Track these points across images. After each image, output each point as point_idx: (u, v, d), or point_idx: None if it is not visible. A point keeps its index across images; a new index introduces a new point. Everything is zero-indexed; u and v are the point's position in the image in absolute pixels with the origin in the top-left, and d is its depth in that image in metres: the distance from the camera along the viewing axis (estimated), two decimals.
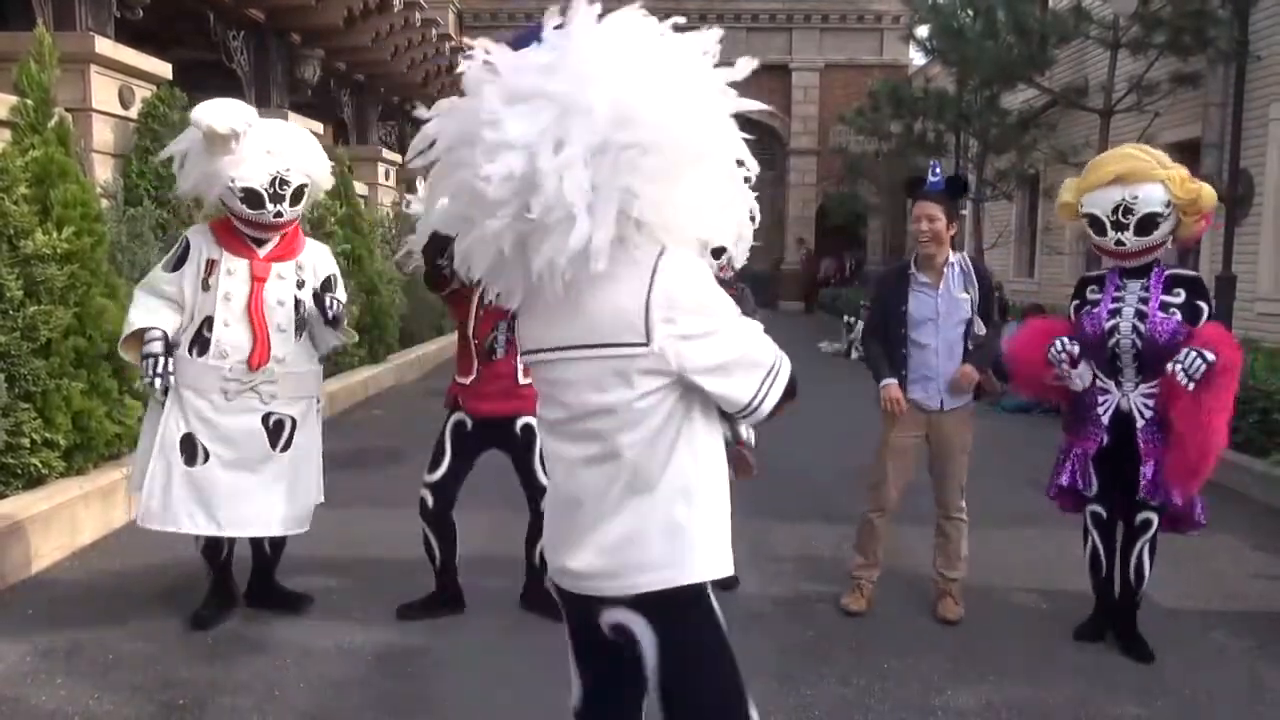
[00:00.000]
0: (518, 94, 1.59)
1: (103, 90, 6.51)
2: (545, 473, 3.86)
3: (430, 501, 3.82)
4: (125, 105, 6.70)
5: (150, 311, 3.56)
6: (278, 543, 3.91)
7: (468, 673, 3.45)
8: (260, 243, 3.63)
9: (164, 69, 7.09)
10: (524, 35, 1.68)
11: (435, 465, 3.83)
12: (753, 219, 2.03)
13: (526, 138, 1.56)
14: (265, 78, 10.30)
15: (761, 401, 1.76)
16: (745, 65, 1.69)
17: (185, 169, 3.58)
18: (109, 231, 5.41)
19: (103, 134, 6.51)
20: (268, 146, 3.54)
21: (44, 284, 4.62)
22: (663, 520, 1.75)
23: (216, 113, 3.39)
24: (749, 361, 1.74)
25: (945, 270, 3.87)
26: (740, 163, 1.79)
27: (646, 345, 1.67)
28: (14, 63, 5.07)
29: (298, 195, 3.61)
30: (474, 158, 1.60)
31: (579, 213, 1.57)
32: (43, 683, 3.29)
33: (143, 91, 6.86)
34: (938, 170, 3.95)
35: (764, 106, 1.78)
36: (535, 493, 3.78)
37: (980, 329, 3.92)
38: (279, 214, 3.56)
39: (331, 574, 4.25)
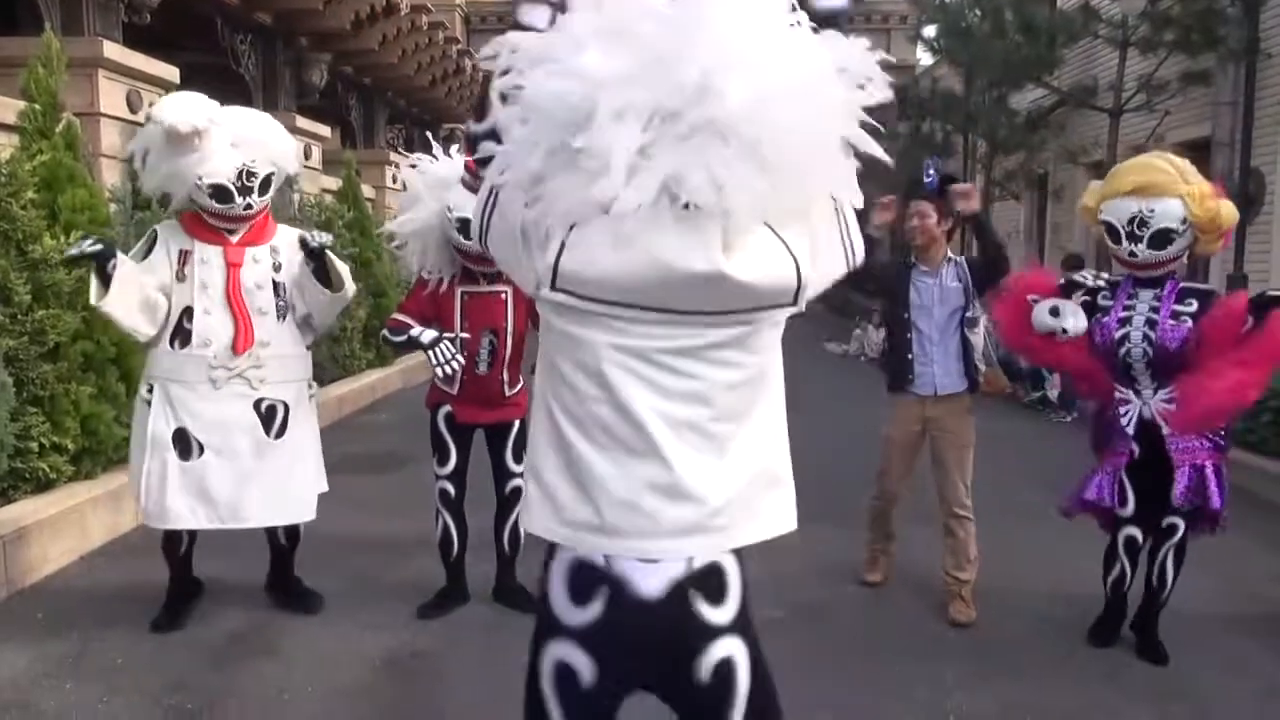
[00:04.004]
0: (612, 28, 1.41)
1: (110, 95, 6.52)
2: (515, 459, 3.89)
3: (452, 491, 3.89)
4: (133, 110, 6.70)
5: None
6: (293, 533, 3.88)
7: (477, 680, 3.43)
8: (231, 231, 3.62)
9: (171, 73, 7.10)
10: None
11: (444, 458, 3.87)
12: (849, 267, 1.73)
13: (599, 75, 1.39)
14: (273, 81, 10.33)
15: None
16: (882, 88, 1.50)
17: (149, 167, 3.56)
18: (117, 236, 5.42)
19: (110, 138, 6.52)
20: (232, 139, 3.51)
21: (52, 288, 4.62)
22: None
23: (178, 110, 3.37)
24: None
25: (942, 265, 4.06)
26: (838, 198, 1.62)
27: None
28: (22, 67, 5.08)
29: (265, 184, 3.60)
30: (540, 79, 1.44)
31: (614, 169, 1.38)
32: (51, 687, 3.29)
33: (150, 96, 6.86)
34: (931, 172, 4.20)
35: (886, 159, 1.59)
36: (506, 476, 3.91)
37: (975, 312, 4.07)
38: (249, 206, 3.56)
39: (340, 578, 4.23)
